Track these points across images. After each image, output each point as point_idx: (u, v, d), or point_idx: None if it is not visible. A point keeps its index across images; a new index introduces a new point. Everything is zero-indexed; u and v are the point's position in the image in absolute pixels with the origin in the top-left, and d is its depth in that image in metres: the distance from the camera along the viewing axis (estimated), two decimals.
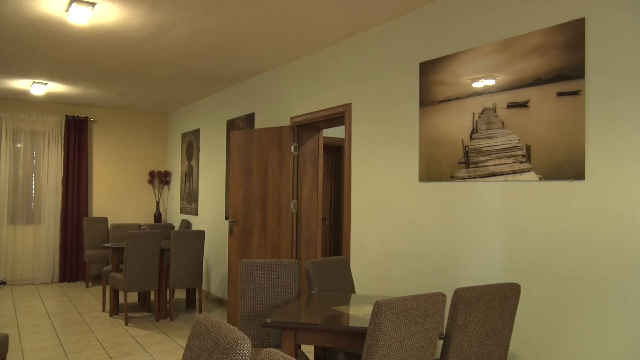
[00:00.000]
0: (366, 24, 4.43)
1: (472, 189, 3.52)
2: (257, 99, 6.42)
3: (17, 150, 8.39)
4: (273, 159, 5.56)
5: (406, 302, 2.31)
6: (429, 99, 3.87)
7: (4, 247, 8.12)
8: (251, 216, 5.72)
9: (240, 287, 3.50)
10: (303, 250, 5.53)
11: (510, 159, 3.25)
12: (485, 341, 2.62)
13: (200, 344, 1.81)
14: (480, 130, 3.45)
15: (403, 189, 4.12)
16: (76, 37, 4.93)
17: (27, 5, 4.13)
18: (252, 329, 3.49)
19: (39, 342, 5.19)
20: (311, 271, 3.55)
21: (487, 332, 2.62)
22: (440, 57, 3.79)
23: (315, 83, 5.28)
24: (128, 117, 9.34)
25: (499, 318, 2.65)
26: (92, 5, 4.06)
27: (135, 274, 5.93)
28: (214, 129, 7.62)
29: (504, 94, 3.30)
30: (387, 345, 2.27)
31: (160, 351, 4.97)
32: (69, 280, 8.58)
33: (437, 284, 3.74)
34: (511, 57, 3.26)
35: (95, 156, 9.02)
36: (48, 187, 8.49)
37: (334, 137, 6.78)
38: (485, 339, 2.62)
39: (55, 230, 8.55)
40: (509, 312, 2.69)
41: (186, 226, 8.29)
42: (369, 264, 4.46)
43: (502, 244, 3.32)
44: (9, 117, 8.26)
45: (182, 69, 6.19)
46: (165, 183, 9.46)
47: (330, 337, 2.77)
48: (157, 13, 4.27)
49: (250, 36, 4.84)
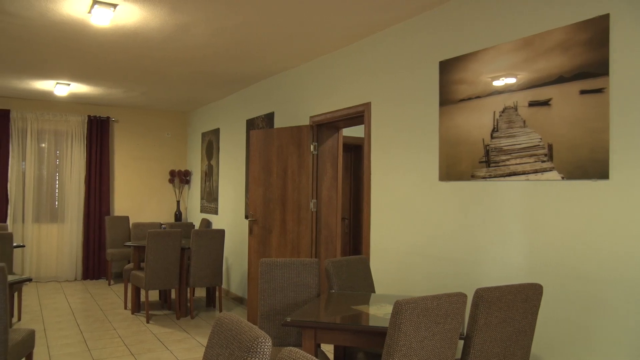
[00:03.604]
0: (385, 22, 4.42)
1: (493, 188, 3.49)
2: (276, 98, 6.44)
3: (41, 150, 8.54)
4: (292, 158, 5.57)
5: (426, 302, 2.30)
6: (449, 97, 3.84)
7: (29, 245, 8.27)
8: (271, 215, 5.74)
9: (260, 286, 3.52)
10: (322, 250, 5.53)
11: (532, 158, 3.21)
12: (506, 342, 2.60)
13: (221, 342, 1.83)
14: (501, 129, 3.42)
15: (423, 188, 4.10)
16: (98, 38, 5.00)
17: (51, 8, 4.20)
18: (272, 327, 3.50)
19: (63, 338, 5.28)
20: (331, 270, 3.56)
21: (508, 332, 2.60)
22: (460, 55, 3.76)
23: (335, 82, 5.27)
24: (149, 116, 9.43)
25: (521, 319, 2.62)
26: (113, 6, 4.11)
27: (156, 272, 5.99)
28: (234, 128, 7.66)
29: (525, 93, 3.27)
30: (408, 345, 2.27)
31: (181, 349, 5.02)
32: (92, 278, 8.71)
33: (457, 284, 3.72)
34: (532, 55, 3.22)
35: (116, 156, 9.14)
36: (71, 186, 8.63)
37: (354, 136, 6.77)
38: (507, 339, 2.60)
39: (78, 229, 8.68)
40: (531, 313, 2.66)
41: (206, 225, 8.35)
42: (388, 264, 4.45)
43: (523, 244, 3.29)
44: (34, 118, 8.41)
45: (201, 69, 6.23)
46: (185, 182, 9.54)
47: (350, 337, 2.77)
48: (177, 14, 4.31)
49: (269, 35, 4.86)
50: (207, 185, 8.64)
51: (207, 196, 8.65)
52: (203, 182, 8.86)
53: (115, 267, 8.78)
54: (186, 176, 9.49)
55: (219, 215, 8.11)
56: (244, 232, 7.02)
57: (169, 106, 9.10)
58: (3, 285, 3.16)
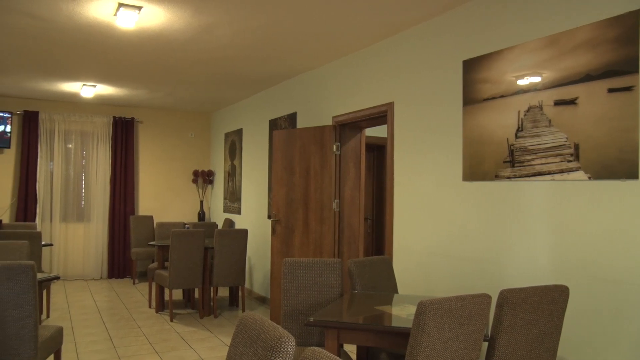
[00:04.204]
0: (408, 22, 4.39)
1: (517, 189, 3.45)
2: (299, 98, 6.46)
3: (68, 151, 8.69)
4: (315, 158, 5.58)
5: (450, 303, 2.29)
6: (472, 97, 3.81)
7: (56, 244, 8.43)
8: (293, 215, 5.75)
9: (283, 286, 3.53)
10: (345, 250, 5.53)
11: (558, 157, 3.17)
12: (532, 344, 2.57)
13: (244, 341, 1.84)
14: (525, 129, 3.37)
15: (446, 188, 4.07)
16: (123, 40, 5.07)
17: (78, 11, 4.27)
18: (295, 327, 3.51)
19: (90, 335, 5.37)
20: (354, 270, 3.55)
21: (534, 335, 2.56)
22: (484, 54, 3.72)
23: (357, 82, 5.27)
24: (172, 117, 9.54)
25: (546, 321, 2.59)
26: (138, 9, 4.17)
27: (180, 271, 6.06)
28: (257, 128, 7.70)
29: (550, 91, 3.22)
30: (431, 347, 2.25)
31: (204, 348, 5.06)
32: (117, 277, 8.84)
33: (481, 285, 3.68)
34: (558, 53, 3.18)
35: (141, 156, 9.26)
36: (97, 186, 8.77)
37: (376, 136, 6.75)
38: (532, 342, 2.57)
39: (103, 228, 8.82)
40: (557, 315, 2.62)
41: (229, 225, 8.41)
42: (411, 264, 4.43)
43: (549, 245, 3.24)
44: (61, 119, 8.57)
45: (225, 70, 6.28)
46: (208, 182, 9.62)
47: (373, 337, 2.77)
48: (201, 15, 4.35)
49: (292, 36, 4.87)
50: (230, 185, 8.70)
51: (230, 196, 8.71)
52: (226, 182, 8.92)
53: (139, 266, 8.89)
54: (209, 176, 9.57)
55: (241, 215, 8.16)
56: (266, 232, 7.05)
57: (193, 107, 9.19)
58: (33, 282, 3.23)
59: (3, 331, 3.17)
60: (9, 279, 3.17)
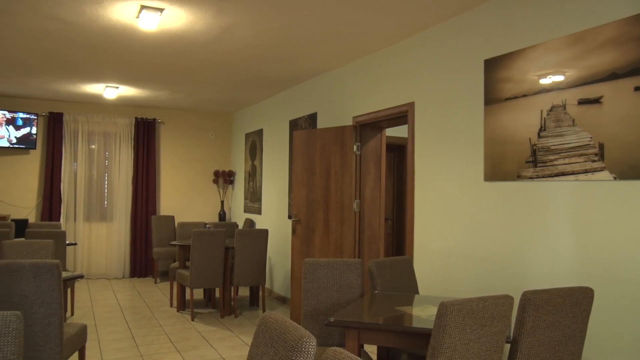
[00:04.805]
0: (429, 21, 4.37)
1: (540, 189, 3.41)
2: (319, 98, 6.46)
3: (91, 152, 8.83)
4: (335, 158, 5.58)
5: (472, 304, 2.27)
6: (494, 96, 3.77)
7: (80, 243, 8.57)
8: (314, 215, 5.76)
9: (304, 286, 3.53)
10: (366, 250, 5.52)
11: (582, 157, 3.12)
12: (555, 347, 2.53)
13: (266, 340, 1.85)
14: (548, 128, 3.33)
15: (467, 188, 4.04)
16: (145, 42, 5.13)
17: (101, 14, 4.34)
18: (315, 327, 3.51)
19: (113, 333, 5.45)
20: (374, 271, 3.55)
21: (557, 337, 2.53)
22: (506, 53, 3.69)
23: (378, 82, 5.25)
24: (193, 118, 9.62)
25: (570, 323, 2.55)
26: (160, 11, 4.21)
27: (201, 271, 6.10)
28: (277, 129, 7.73)
29: (574, 90, 3.17)
30: (452, 348, 2.24)
31: (225, 347, 5.09)
32: (139, 276, 8.94)
33: (503, 286, 3.64)
34: (582, 51, 3.13)
35: (162, 156, 9.35)
36: (119, 187, 8.89)
37: (397, 136, 6.72)
38: (556, 344, 2.53)
39: (125, 228, 8.93)
40: (581, 318, 2.58)
41: (250, 225, 8.45)
42: (432, 265, 4.40)
43: (573, 246, 3.19)
44: (85, 120, 8.70)
45: (245, 71, 6.32)
46: (229, 182, 9.68)
47: (394, 338, 2.76)
48: (222, 16, 4.38)
49: (312, 36, 4.88)
50: (251, 185, 8.74)
51: (250, 196, 8.76)
52: (246, 182, 8.97)
53: (161, 266, 8.98)
54: (230, 176, 9.63)
55: (262, 215, 8.19)
56: (287, 232, 7.07)
57: (213, 107, 9.25)
58: (58, 281, 3.28)
59: (30, 328, 3.23)
60: (35, 277, 3.24)
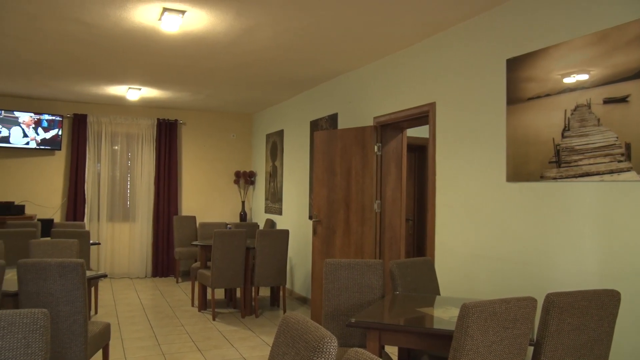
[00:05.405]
0: (450, 21, 4.34)
1: (564, 190, 3.36)
2: (340, 99, 6.46)
3: (114, 152, 8.95)
4: (356, 159, 5.57)
5: (495, 306, 2.25)
6: (516, 96, 3.73)
7: (104, 243, 8.69)
8: (334, 216, 5.76)
9: (325, 287, 3.53)
10: (386, 251, 5.50)
11: (607, 157, 3.07)
12: (580, 350, 2.49)
13: (287, 341, 1.85)
14: (572, 128, 3.28)
15: (489, 189, 4.00)
16: (167, 44, 5.18)
17: (124, 17, 4.39)
18: (336, 328, 3.51)
19: (135, 332, 5.51)
20: (395, 272, 3.53)
21: (582, 341, 2.49)
22: (529, 52, 3.64)
23: (399, 82, 5.23)
24: (215, 118, 9.69)
25: (596, 327, 2.51)
26: (182, 13, 4.25)
27: (222, 271, 6.14)
28: (298, 129, 7.74)
29: (599, 89, 3.12)
30: (475, 350, 2.22)
31: (246, 347, 5.12)
32: (161, 276, 9.03)
33: (525, 288, 3.60)
34: (608, 49, 3.08)
35: (184, 157, 9.44)
36: (142, 187, 8.99)
37: (418, 136, 6.69)
38: (581, 348, 2.49)
39: (148, 228, 9.03)
40: (608, 321, 2.54)
41: (271, 225, 8.48)
42: (453, 266, 4.37)
43: (598, 248, 3.14)
44: (108, 122, 8.82)
45: (266, 71, 6.34)
46: (250, 183, 9.73)
47: (415, 339, 2.74)
48: (243, 17, 4.41)
49: (333, 37, 4.88)
50: (272, 186, 8.77)
51: (271, 197, 8.79)
52: (267, 182, 9.00)
53: (182, 266, 9.05)
54: (251, 177, 9.68)
55: (283, 216, 8.21)
56: (307, 232, 7.08)
57: (234, 108, 9.31)
58: (83, 280, 3.33)
59: (56, 325, 3.29)
60: (61, 276, 3.29)
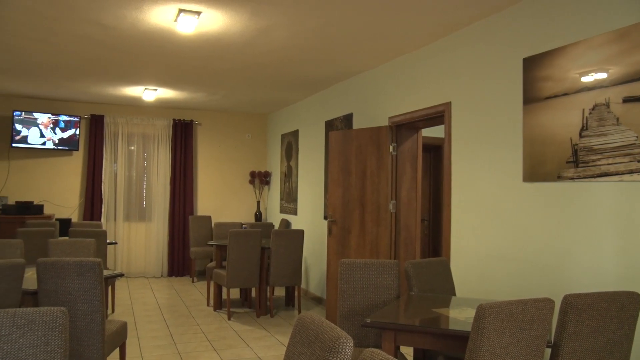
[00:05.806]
0: (466, 20, 4.31)
1: (582, 190, 3.32)
2: (355, 99, 6.45)
3: (130, 153, 9.03)
4: (371, 159, 5.56)
5: (511, 307, 2.23)
6: (533, 95, 3.69)
7: (120, 243, 8.77)
8: (350, 216, 5.75)
9: (340, 287, 3.53)
10: (402, 251, 5.48)
11: (627, 157, 3.02)
12: (599, 353, 2.46)
13: (303, 340, 1.85)
14: (591, 127, 3.24)
15: (506, 189, 3.97)
16: (183, 45, 5.22)
17: (141, 19, 4.43)
18: (351, 328, 3.51)
19: (152, 331, 5.56)
20: (411, 272, 3.52)
21: (601, 343, 2.46)
22: (545, 51, 3.60)
23: (414, 82, 5.21)
24: (230, 119, 9.73)
25: (616, 329, 2.47)
26: (198, 14, 4.28)
27: (237, 271, 6.16)
28: (313, 129, 7.74)
29: (618, 88, 3.08)
30: (491, 351, 2.20)
31: (261, 346, 5.13)
32: (176, 275, 9.10)
33: (543, 289, 3.56)
34: (627, 47, 3.04)
35: (199, 157, 9.49)
36: (157, 187, 9.06)
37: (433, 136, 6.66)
38: (600, 350, 2.46)
39: (164, 228, 9.10)
40: (628, 323, 2.50)
41: (286, 225, 8.50)
42: (469, 266, 4.34)
43: (617, 249, 3.10)
44: (124, 122, 8.91)
45: (281, 72, 6.35)
46: (265, 183, 9.75)
47: (431, 340, 2.73)
48: (257, 18, 4.42)
49: (348, 37, 4.87)
50: (287, 186, 8.79)
51: (286, 197, 8.80)
52: (282, 183, 9.02)
53: (198, 265, 9.10)
54: (266, 177, 9.70)
55: (298, 216, 8.22)
56: (322, 232, 7.08)
57: (249, 108, 9.34)
58: (100, 279, 3.37)
59: (74, 324, 3.33)
60: (79, 275, 3.33)
